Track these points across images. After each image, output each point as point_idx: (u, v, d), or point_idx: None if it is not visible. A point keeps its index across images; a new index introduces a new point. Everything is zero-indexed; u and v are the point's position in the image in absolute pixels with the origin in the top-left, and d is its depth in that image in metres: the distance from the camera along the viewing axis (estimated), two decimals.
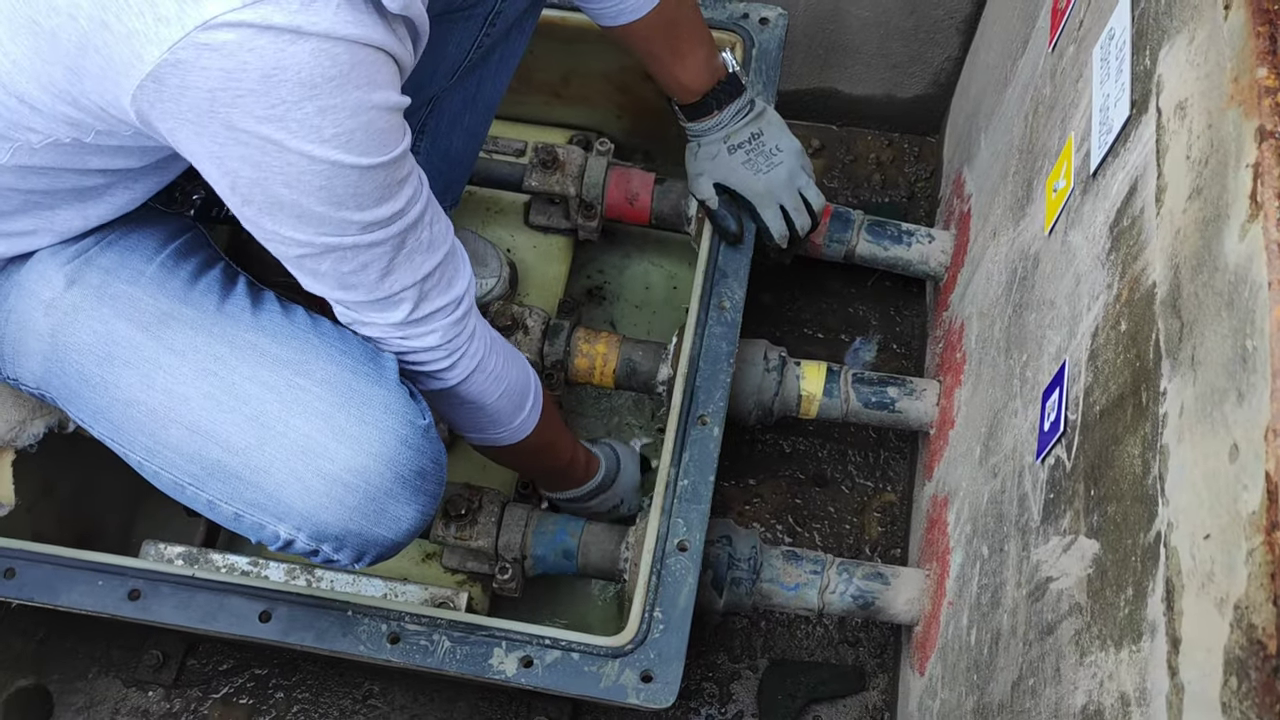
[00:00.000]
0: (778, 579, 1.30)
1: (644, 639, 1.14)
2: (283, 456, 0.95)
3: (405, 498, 0.98)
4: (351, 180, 0.82)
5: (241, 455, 0.96)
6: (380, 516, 0.98)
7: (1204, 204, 0.68)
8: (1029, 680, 0.87)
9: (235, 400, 0.96)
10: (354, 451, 0.96)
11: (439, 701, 1.45)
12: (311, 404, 0.96)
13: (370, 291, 0.93)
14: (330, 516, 0.96)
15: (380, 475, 0.97)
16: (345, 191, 0.83)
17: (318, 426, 0.96)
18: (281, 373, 0.97)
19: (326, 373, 0.97)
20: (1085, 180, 0.93)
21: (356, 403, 0.97)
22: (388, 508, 0.97)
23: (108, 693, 1.45)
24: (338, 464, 0.95)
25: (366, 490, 0.96)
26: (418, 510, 1.00)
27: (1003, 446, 1.06)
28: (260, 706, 1.45)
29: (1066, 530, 0.84)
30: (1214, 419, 0.62)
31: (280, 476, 0.95)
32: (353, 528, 0.97)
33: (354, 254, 0.89)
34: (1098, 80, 0.94)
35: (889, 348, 1.71)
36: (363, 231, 0.87)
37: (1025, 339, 1.05)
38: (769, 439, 1.64)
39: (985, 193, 1.37)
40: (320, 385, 0.97)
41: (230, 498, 0.97)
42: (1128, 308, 0.78)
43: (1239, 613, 0.55)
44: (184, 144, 0.80)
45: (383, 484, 0.97)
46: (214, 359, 0.98)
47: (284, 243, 0.88)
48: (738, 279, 1.37)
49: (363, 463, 0.96)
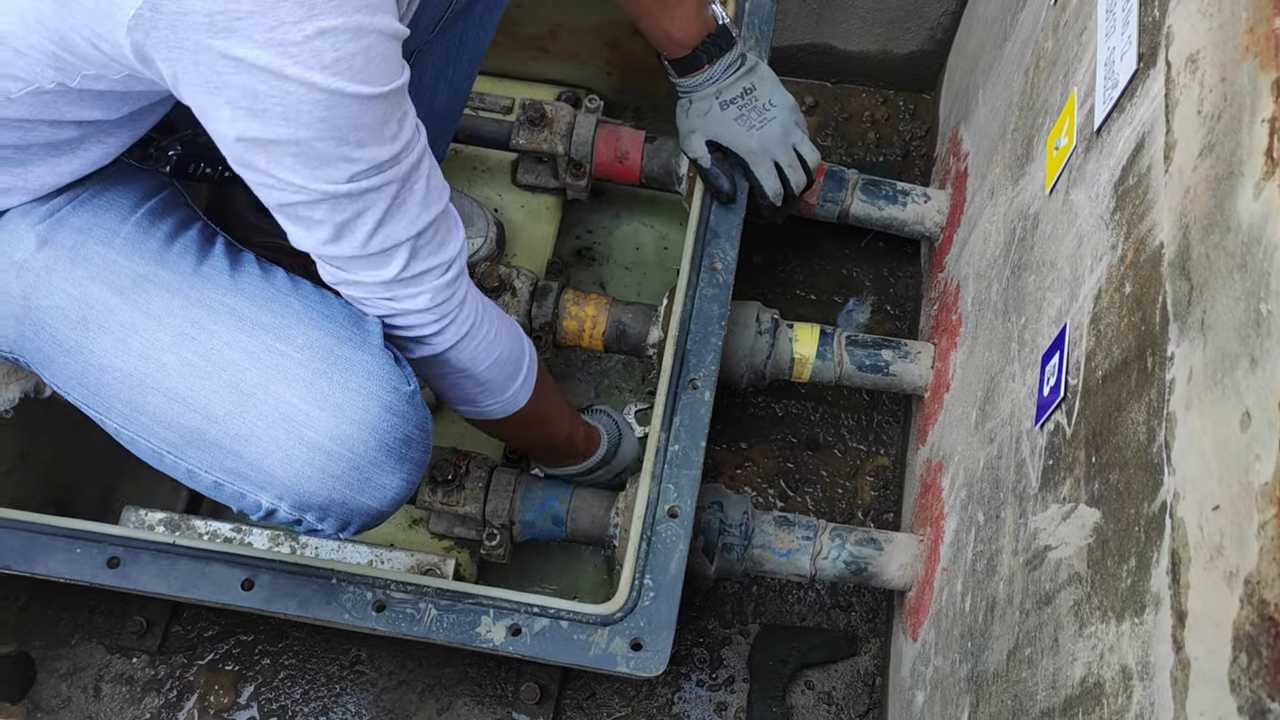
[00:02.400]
0: (770, 545, 1.28)
1: (634, 607, 1.13)
2: (263, 424, 0.93)
3: (390, 466, 0.96)
4: (353, 112, 0.79)
5: (221, 423, 0.93)
6: (365, 485, 0.95)
7: (1216, 161, 0.65)
8: (1025, 650, 0.85)
9: (213, 366, 0.93)
10: (337, 419, 0.93)
11: (427, 668, 1.44)
12: (292, 370, 0.93)
13: (363, 244, 0.89)
14: (313, 486, 0.94)
15: (364, 443, 0.94)
16: (346, 124, 0.79)
17: (299, 393, 0.93)
18: (261, 337, 0.94)
19: (308, 337, 0.94)
20: (1089, 137, 0.90)
21: (339, 368, 0.94)
22: (372, 476, 0.95)
23: (91, 659, 1.44)
24: (320, 432, 0.93)
25: (350, 459, 0.93)
26: (403, 478, 0.97)
27: (1000, 411, 1.04)
28: (246, 673, 1.43)
29: (1066, 498, 0.82)
30: (1224, 385, 0.59)
31: (261, 445, 0.93)
32: (336, 497, 0.95)
33: (350, 201, 0.85)
34: (1103, 33, 0.90)
35: (882, 309, 1.69)
36: (361, 175, 0.83)
37: (1024, 301, 1.02)
38: (761, 402, 1.62)
39: (983, 151, 1.34)
40: (301, 350, 0.94)
41: (210, 466, 0.95)
42: (1133, 269, 0.76)
43: (1250, 587, 0.53)
44: (181, 79, 0.77)
45: (367, 452, 0.94)
46: (191, 323, 0.95)
47: (280, 187, 0.84)
48: (730, 239, 1.34)
49: (346, 430, 0.93)
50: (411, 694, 1.43)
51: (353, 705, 1.42)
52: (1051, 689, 0.78)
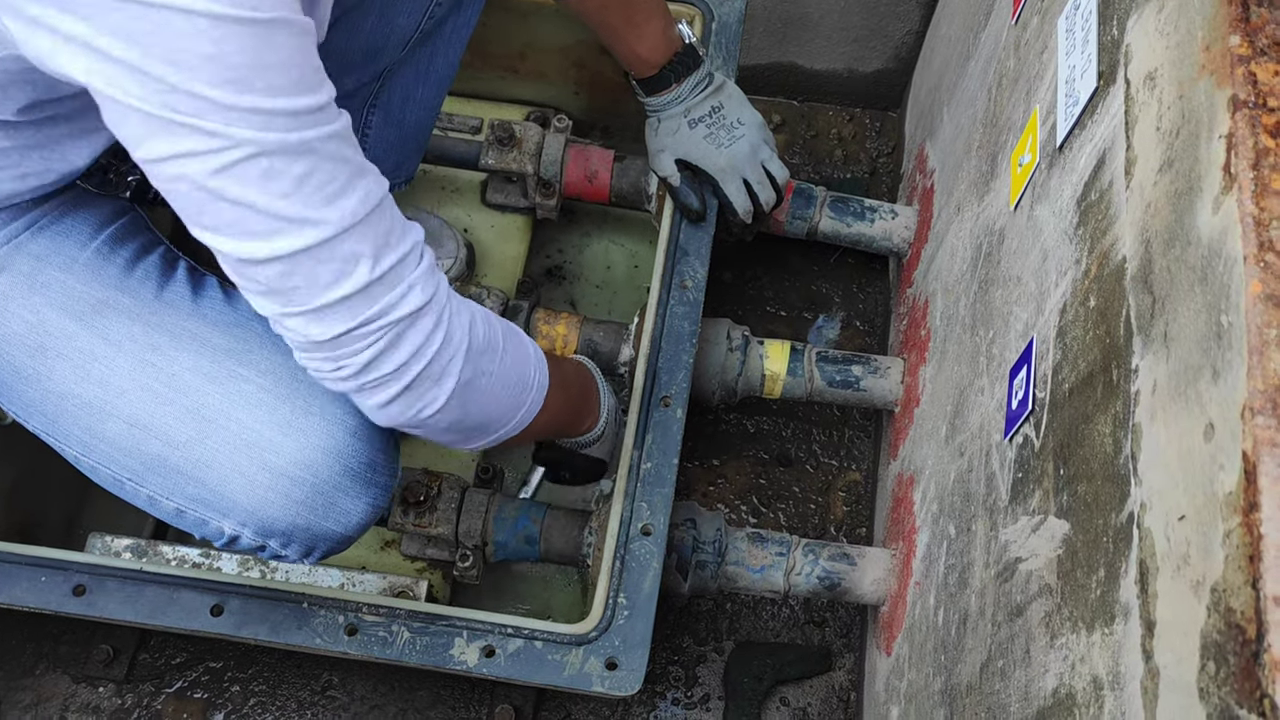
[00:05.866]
0: (743, 561, 1.28)
1: (608, 626, 1.12)
2: (225, 450, 0.91)
3: (355, 491, 0.95)
4: (246, 45, 0.67)
5: (182, 449, 0.92)
6: (329, 511, 0.94)
7: (1175, 176, 0.66)
8: (998, 662, 0.86)
9: (174, 392, 0.92)
10: (299, 444, 0.92)
11: (400, 691, 1.42)
12: (254, 395, 0.92)
13: (317, 229, 0.74)
14: (276, 512, 0.92)
15: (328, 469, 0.93)
16: (241, 61, 0.67)
17: (260, 419, 0.92)
18: (223, 362, 0.93)
19: (271, 362, 0.93)
20: (1051, 154, 0.92)
21: (301, 392, 0.93)
22: (337, 501, 0.94)
23: (56, 689, 1.41)
24: (283, 457, 0.91)
25: (314, 484, 0.92)
26: (368, 503, 0.96)
27: (969, 425, 1.05)
28: (216, 700, 1.41)
29: (1035, 510, 0.83)
30: (1188, 397, 0.60)
31: (223, 471, 0.92)
32: (300, 523, 0.93)
33: (283, 161, 0.71)
34: (1063, 52, 0.92)
35: (852, 325, 1.70)
36: (283, 127, 0.70)
37: (991, 315, 1.03)
38: (733, 419, 1.62)
39: (949, 168, 1.35)
40: (263, 375, 0.93)
41: (171, 493, 0.94)
42: (1097, 283, 0.77)
43: (1216, 596, 0.54)
44: (58, 31, 0.66)
45: (330, 478, 0.93)
46: (152, 349, 0.93)
47: (193, 160, 0.69)
48: (699, 257, 1.34)
49: (309, 456, 0.92)
50: (384, 718, 1.41)
51: None
52: (1024, 700, 0.79)
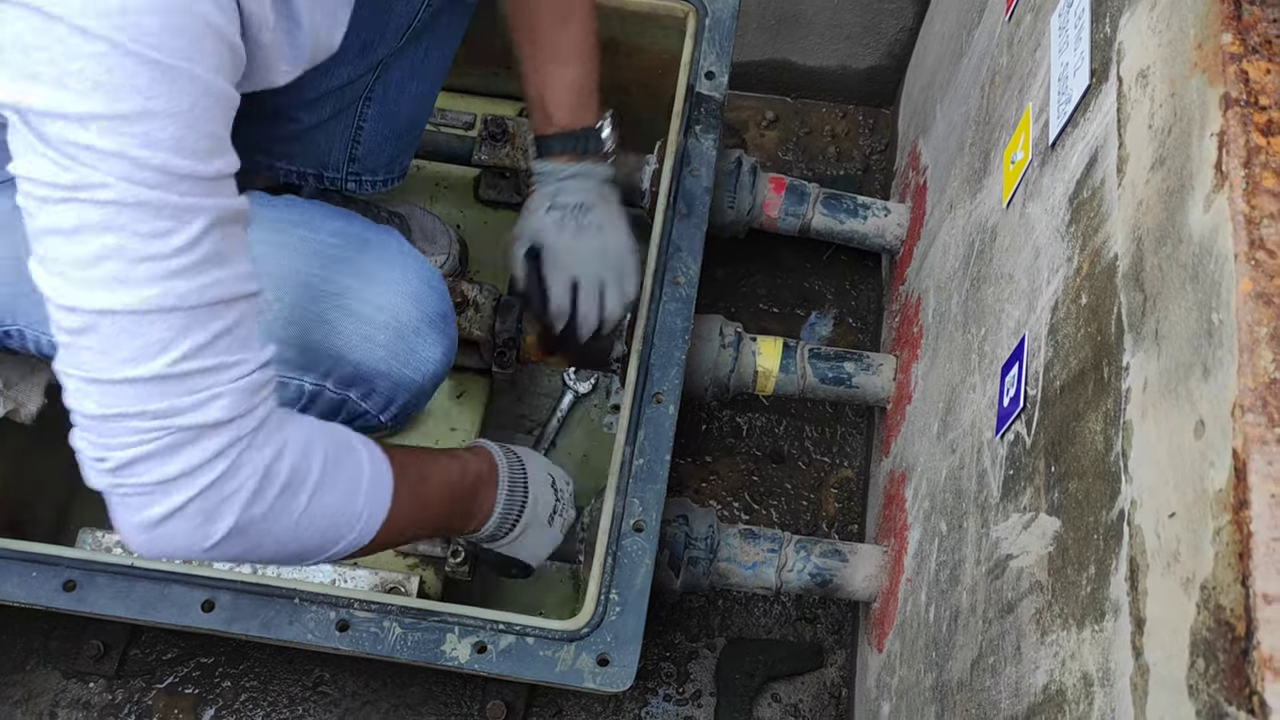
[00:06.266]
0: (735, 558, 1.28)
1: (600, 622, 1.12)
2: (304, 304, 0.91)
3: (432, 338, 0.97)
4: (139, 85, 0.62)
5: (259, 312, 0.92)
6: (409, 357, 0.96)
7: (1167, 174, 0.66)
8: (989, 658, 0.86)
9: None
10: (380, 289, 0.93)
11: (391, 687, 1.42)
12: (327, 251, 0.94)
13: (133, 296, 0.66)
14: (362, 357, 0.93)
15: (408, 314, 0.95)
16: (126, 102, 0.62)
17: (339, 270, 0.93)
18: (289, 230, 0.94)
19: (336, 226, 0.96)
20: (1044, 151, 0.92)
21: (374, 248, 0.95)
22: (416, 347, 0.96)
23: (46, 684, 1.41)
24: (365, 302, 0.93)
25: (396, 328, 0.94)
26: (442, 352, 0.99)
27: (961, 422, 1.05)
28: (206, 696, 1.41)
29: (1026, 507, 0.83)
30: (1179, 394, 0.60)
31: (304, 325, 0.92)
32: (383, 368, 0.95)
33: (131, 215, 0.64)
34: (1056, 49, 0.92)
35: (845, 322, 1.70)
36: (149, 182, 0.64)
37: (983, 313, 1.03)
38: (725, 416, 1.62)
39: (941, 165, 1.36)
40: (334, 236, 0.95)
41: None
42: (1088, 281, 0.77)
43: (1206, 593, 0.54)
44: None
45: (411, 321, 0.95)
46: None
47: (44, 188, 0.64)
48: (692, 253, 1.34)
49: (391, 300, 0.94)
50: (376, 714, 1.41)
51: None
52: (1015, 697, 0.79)
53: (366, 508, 0.84)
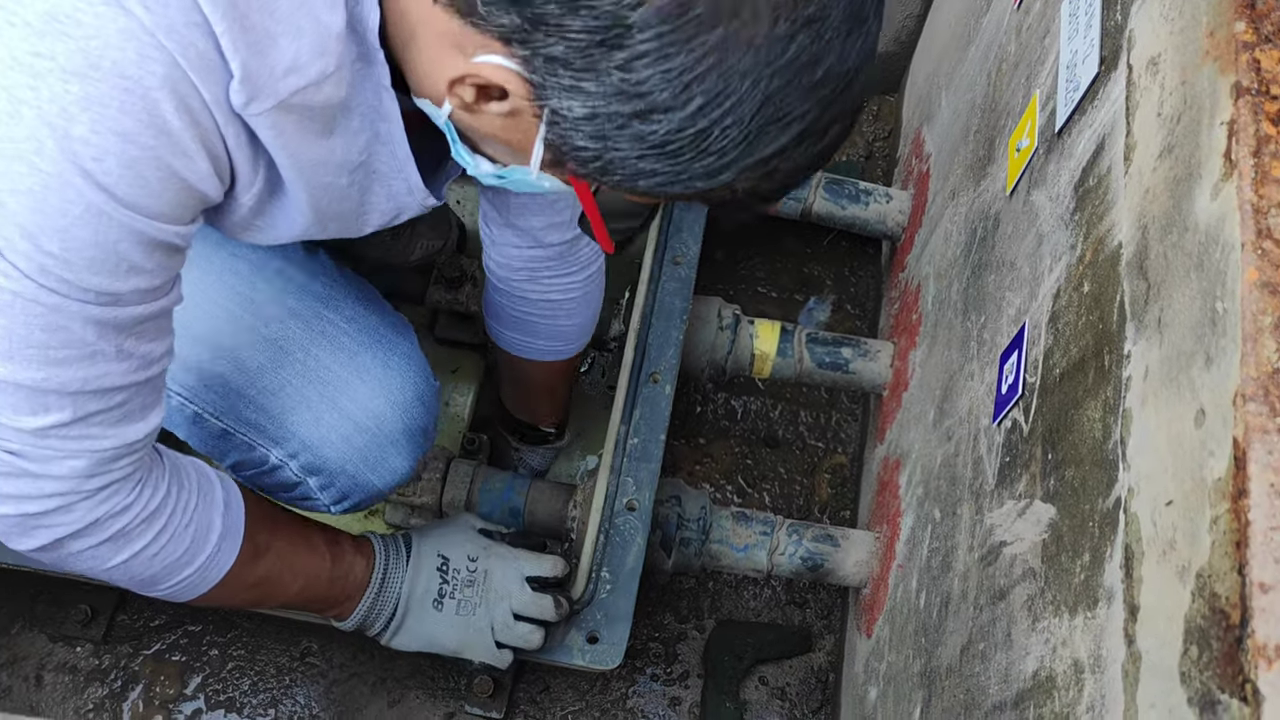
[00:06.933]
0: (727, 540, 1.28)
1: (590, 600, 1.12)
2: (298, 382, 0.92)
3: (406, 450, 0.97)
4: (78, 209, 0.59)
5: (251, 375, 0.92)
6: (379, 464, 0.96)
7: (1175, 162, 0.66)
8: (979, 644, 0.86)
9: (254, 319, 0.92)
10: (373, 393, 0.93)
11: (378, 660, 1.42)
12: (337, 338, 0.93)
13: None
14: (332, 452, 0.93)
15: (393, 424, 0.95)
16: (62, 215, 0.59)
17: (341, 361, 0.93)
18: (309, 302, 0.94)
19: (354, 311, 0.95)
20: (1049, 139, 0.91)
21: (383, 346, 0.95)
22: (388, 457, 0.96)
23: (33, 648, 1.40)
24: (355, 403, 0.93)
25: (376, 435, 0.94)
26: (409, 466, 0.99)
27: (958, 409, 1.05)
28: (193, 664, 1.41)
29: (1022, 494, 0.83)
30: (1180, 383, 0.60)
31: (289, 402, 0.92)
32: (349, 469, 0.95)
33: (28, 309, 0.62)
34: (1065, 36, 0.91)
35: (843, 308, 1.70)
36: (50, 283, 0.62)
37: (984, 300, 1.03)
38: (720, 399, 1.62)
39: (945, 153, 1.35)
40: (348, 322, 0.95)
41: (224, 414, 0.93)
42: (1091, 269, 0.76)
43: (1201, 581, 0.54)
44: None
45: (392, 432, 0.95)
46: (235, 274, 0.93)
47: None
48: (692, 234, 1.34)
49: (379, 407, 0.94)
50: (363, 686, 1.41)
51: (302, 697, 1.40)
52: (1004, 683, 0.79)
53: (189, 579, 0.83)
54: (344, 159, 0.71)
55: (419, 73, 0.66)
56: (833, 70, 0.58)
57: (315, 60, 0.62)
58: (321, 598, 0.99)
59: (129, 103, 0.57)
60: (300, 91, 0.63)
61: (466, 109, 0.64)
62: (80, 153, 0.58)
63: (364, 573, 1.01)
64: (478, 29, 0.58)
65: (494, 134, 0.66)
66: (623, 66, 0.56)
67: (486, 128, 0.66)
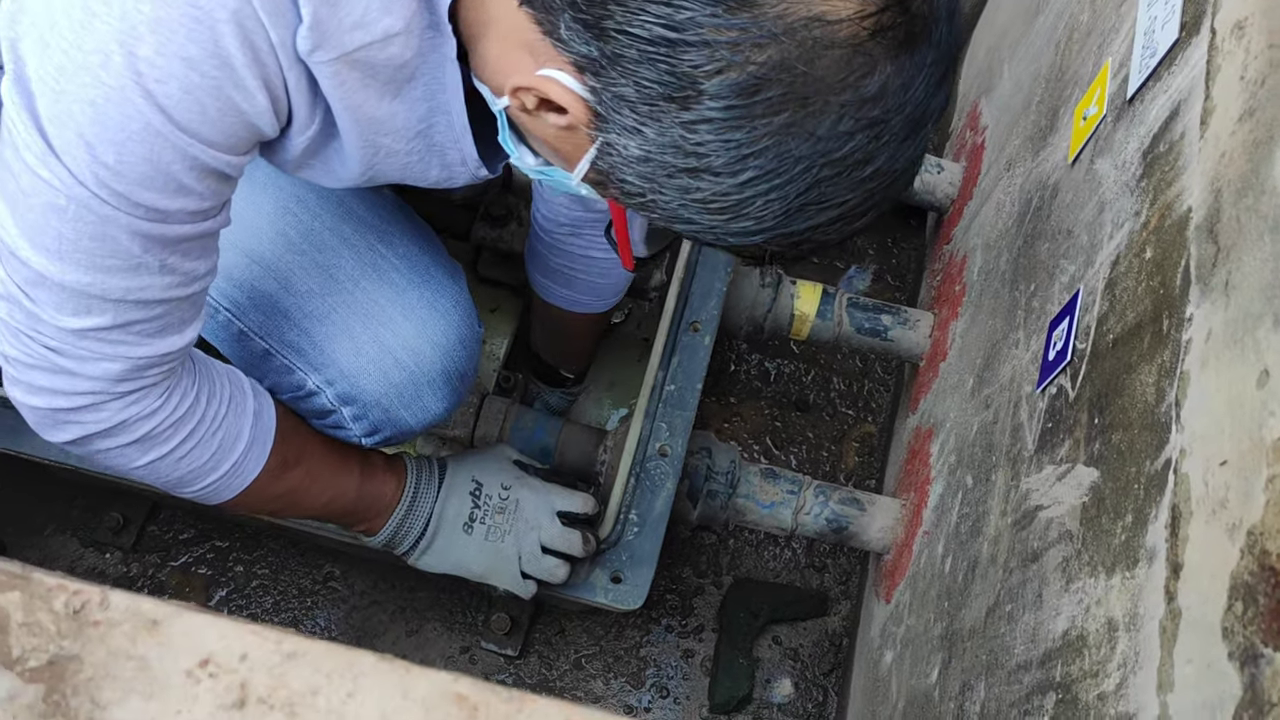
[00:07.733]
0: (754, 495, 1.29)
1: (617, 540, 1.13)
2: (343, 311, 0.93)
3: (442, 393, 0.98)
4: (136, 126, 0.61)
5: (299, 297, 0.93)
6: (414, 402, 0.96)
7: (1256, 125, 0.65)
8: (1006, 606, 0.86)
9: (308, 244, 0.93)
10: (417, 332, 0.94)
11: (400, 589, 1.44)
12: (387, 273, 0.94)
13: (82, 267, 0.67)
14: (369, 384, 0.94)
15: (432, 364, 0.95)
16: (120, 130, 0.61)
17: (387, 295, 0.93)
18: (365, 235, 0.95)
19: (408, 249, 0.96)
20: (1119, 106, 0.90)
21: (431, 287, 0.95)
22: (424, 396, 0.96)
23: (63, 550, 1.43)
24: (398, 338, 0.94)
25: (414, 373, 0.95)
26: (445, 408, 0.99)
27: (999, 377, 1.05)
28: (219, 578, 1.43)
29: (1063, 459, 0.82)
30: (1244, 344, 0.60)
31: (333, 329, 0.93)
32: (384, 403, 0.95)
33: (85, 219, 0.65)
34: (1145, 3, 0.90)
35: (883, 279, 1.69)
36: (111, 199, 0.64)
37: (1035, 269, 1.02)
38: (754, 359, 1.62)
39: (1003, 124, 1.34)
40: (400, 259, 0.95)
41: (268, 334, 0.94)
42: (1156, 234, 0.76)
43: (1252, 539, 0.54)
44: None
45: (430, 373, 0.96)
46: (296, 199, 0.94)
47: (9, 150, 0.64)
48: None
49: (421, 346, 0.94)
50: (382, 614, 1.43)
51: (323, 620, 1.42)
52: (1031, 643, 0.79)
53: (216, 483, 0.85)
54: (404, 125, 0.73)
55: (486, 61, 0.67)
56: (882, 169, 0.60)
57: (382, 18, 0.64)
58: (350, 511, 1.00)
59: (196, 31, 0.59)
60: (365, 47, 0.64)
61: (524, 111, 0.65)
62: (144, 73, 0.60)
63: (395, 491, 1.02)
64: (555, 46, 0.60)
65: (545, 139, 0.68)
66: (686, 125, 0.57)
67: (539, 132, 0.67)
